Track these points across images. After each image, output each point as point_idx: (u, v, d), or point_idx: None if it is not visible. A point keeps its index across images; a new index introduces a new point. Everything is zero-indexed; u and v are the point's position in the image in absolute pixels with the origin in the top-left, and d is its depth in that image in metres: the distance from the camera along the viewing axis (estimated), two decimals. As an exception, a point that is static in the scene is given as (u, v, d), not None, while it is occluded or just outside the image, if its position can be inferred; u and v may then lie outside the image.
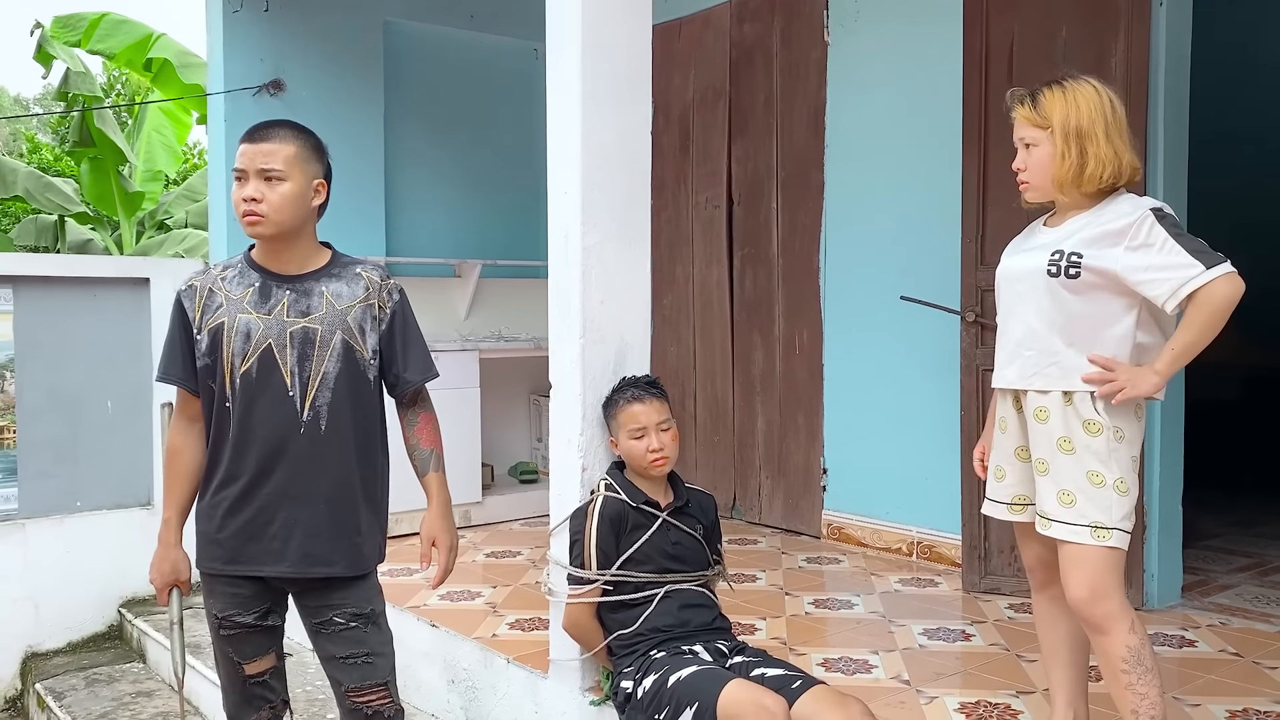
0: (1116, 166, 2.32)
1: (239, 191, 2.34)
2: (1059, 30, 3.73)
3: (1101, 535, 2.27)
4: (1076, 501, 2.30)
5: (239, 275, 2.40)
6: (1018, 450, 2.48)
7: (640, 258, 3.03)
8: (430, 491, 2.54)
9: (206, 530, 2.41)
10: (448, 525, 2.54)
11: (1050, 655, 2.56)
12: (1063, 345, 2.33)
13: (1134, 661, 2.25)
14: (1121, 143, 2.34)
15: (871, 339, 4.63)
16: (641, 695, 2.58)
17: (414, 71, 6.16)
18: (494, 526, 5.33)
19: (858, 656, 3.28)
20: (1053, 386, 2.34)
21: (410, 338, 2.50)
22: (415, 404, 2.56)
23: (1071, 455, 2.31)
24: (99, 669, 4.81)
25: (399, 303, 2.48)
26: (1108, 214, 2.32)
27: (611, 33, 2.92)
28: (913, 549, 4.46)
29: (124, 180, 11.80)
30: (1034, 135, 2.41)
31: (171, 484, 2.44)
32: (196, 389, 2.40)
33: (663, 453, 2.76)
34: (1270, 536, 4.77)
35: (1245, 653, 3.26)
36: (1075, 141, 2.33)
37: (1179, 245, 2.22)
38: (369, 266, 2.48)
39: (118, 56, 10.24)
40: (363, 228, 5.71)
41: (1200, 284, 2.18)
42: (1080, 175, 2.34)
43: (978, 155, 3.90)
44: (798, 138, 4.95)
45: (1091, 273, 2.29)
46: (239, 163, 2.34)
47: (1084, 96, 2.35)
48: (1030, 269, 2.39)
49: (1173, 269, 2.21)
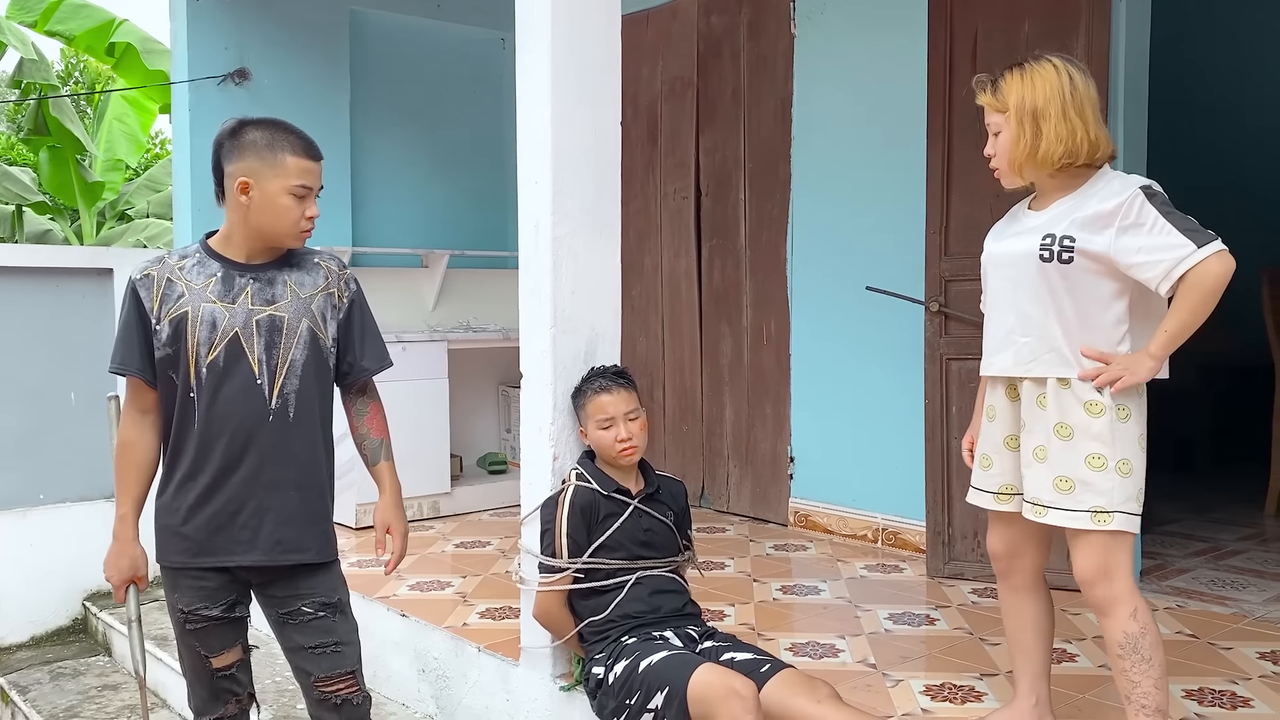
0: (1071, 144, 2.29)
1: (304, 208, 2.35)
2: (1022, 25, 3.78)
3: (1102, 519, 2.25)
4: (1075, 488, 2.27)
5: (198, 265, 2.38)
6: (1007, 439, 2.47)
7: (611, 247, 3.04)
8: (383, 480, 2.57)
9: (170, 524, 2.38)
10: (401, 513, 2.58)
11: (1014, 642, 2.59)
12: (1059, 331, 2.31)
13: (1130, 648, 2.25)
14: (1081, 120, 2.30)
15: (838, 329, 4.68)
16: (613, 681, 2.61)
17: (381, 61, 6.13)
18: (463, 517, 5.33)
19: (825, 641, 3.33)
20: (1050, 373, 2.32)
21: (368, 326, 2.54)
22: (364, 393, 2.59)
23: (1069, 441, 2.29)
24: (64, 663, 4.77)
25: (356, 292, 2.53)
26: (1096, 195, 2.29)
27: (581, 23, 2.93)
28: (878, 536, 4.52)
29: (84, 170, 11.64)
30: (996, 121, 2.40)
31: (126, 478, 2.40)
32: (154, 380, 2.37)
33: (631, 442, 2.79)
34: (1225, 521, 4.88)
35: (1201, 634, 3.34)
36: (1030, 122, 2.32)
37: (1169, 224, 2.20)
38: (325, 256, 2.52)
39: (77, 40, 10.07)
40: (329, 218, 5.68)
41: (1192, 264, 2.17)
42: (1034, 156, 2.32)
43: (942, 147, 3.95)
44: (765, 129, 4.99)
45: (1085, 256, 2.26)
46: (307, 180, 2.34)
47: (1041, 76, 2.33)
48: (1020, 253, 2.36)
49: (1164, 250, 2.19)
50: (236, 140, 2.34)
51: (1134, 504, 2.28)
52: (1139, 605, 2.27)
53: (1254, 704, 2.78)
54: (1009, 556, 2.55)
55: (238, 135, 2.35)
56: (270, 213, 2.34)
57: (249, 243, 2.39)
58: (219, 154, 2.37)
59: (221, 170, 2.37)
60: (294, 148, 2.34)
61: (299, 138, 2.37)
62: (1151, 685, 2.24)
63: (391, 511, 2.56)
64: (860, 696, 2.85)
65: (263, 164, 2.32)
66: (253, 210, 2.34)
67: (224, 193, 2.39)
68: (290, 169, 2.33)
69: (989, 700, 2.84)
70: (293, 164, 2.33)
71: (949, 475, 3.96)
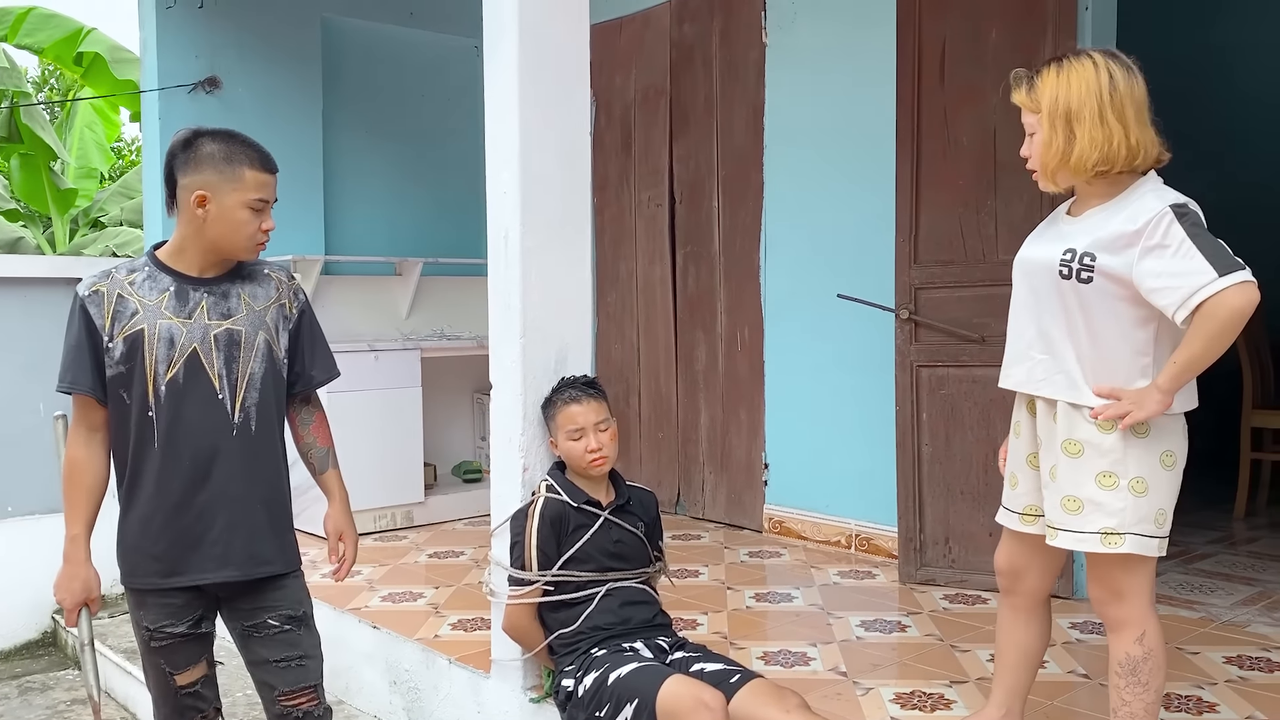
0: (1106, 150, 2.13)
1: (260, 221, 2.33)
2: (989, 32, 3.81)
3: (1112, 542, 2.14)
4: (1084, 508, 2.17)
5: (149, 279, 2.33)
6: (1029, 457, 2.37)
7: (580, 258, 3.04)
8: (331, 488, 2.58)
9: (138, 545, 2.34)
10: (350, 520, 2.60)
11: (1000, 653, 2.55)
12: (1072, 355, 2.20)
13: (1127, 671, 2.20)
14: (1120, 123, 2.13)
15: (811, 336, 4.69)
16: (582, 693, 2.60)
17: (353, 69, 6.11)
18: (437, 526, 5.31)
19: (796, 649, 3.33)
20: (1059, 396, 2.22)
21: (317, 336, 2.55)
22: (309, 402, 2.59)
23: (1078, 459, 2.18)
24: (32, 677, 4.72)
25: (305, 302, 2.54)
26: (1128, 209, 2.14)
27: (549, 30, 2.92)
28: (851, 542, 4.53)
29: (56, 177, 11.54)
30: (1031, 121, 2.25)
31: (75, 499, 2.34)
32: (105, 398, 2.33)
33: (601, 452, 2.78)
34: (1196, 525, 4.92)
35: (1170, 639, 3.34)
36: (1063, 124, 2.17)
37: (1195, 247, 2.03)
38: (275, 267, 2.51)
39: (46, 51, 10.00)
40: (301, 226, 5.66)
41: (1211, 293, 2.00)
42: (1066, 161, 2.17)
43: (911, 155, 3.96)
44: (737, 137, 5.00)
45: (1105, 277, 2.12)
46: (264, 193, 2.32)
47: (1078, 74, 2.16)
48: (1044, 264, 2.23)
49: (1184, 275, 2.02)
50: (191, 152, 2.30)
51: (1150, 525, 2.15)
52: (1149, 629, 2.20)
53: (1219, 709, 2.81)
54: (1011, 575, 2.48)
55: (192, 147, 2.31)
56: (227, 226, 2.31)
57: (203, 256, 2.36)
58: (171, 164, 2.33)
59: (174, 181, 2.33)
60: (251, 161, 2.32)
61: (256, 150, 2.34)
62: (1142, 708, 2.20)
63: (344, 519, 2.58)
64: (830, 705, 2.85)
65: (220, 177, 2.29)
66: (209, 223, 2.31)
67: (174, 203, 2.35)
68: (248, 182, 2.31)
69: (958, 708, 2.85)
70: (250, 177, 2.31)
71: (920, 481, 3.98)
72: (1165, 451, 2.17)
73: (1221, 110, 6.67)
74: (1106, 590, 2.24)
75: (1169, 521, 2.21)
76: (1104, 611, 2.26)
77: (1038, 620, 2.51)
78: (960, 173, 3.86)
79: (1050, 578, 2.47)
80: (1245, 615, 3.60)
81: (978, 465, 3.85)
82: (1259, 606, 3.70)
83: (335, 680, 3.70)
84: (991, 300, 3.67)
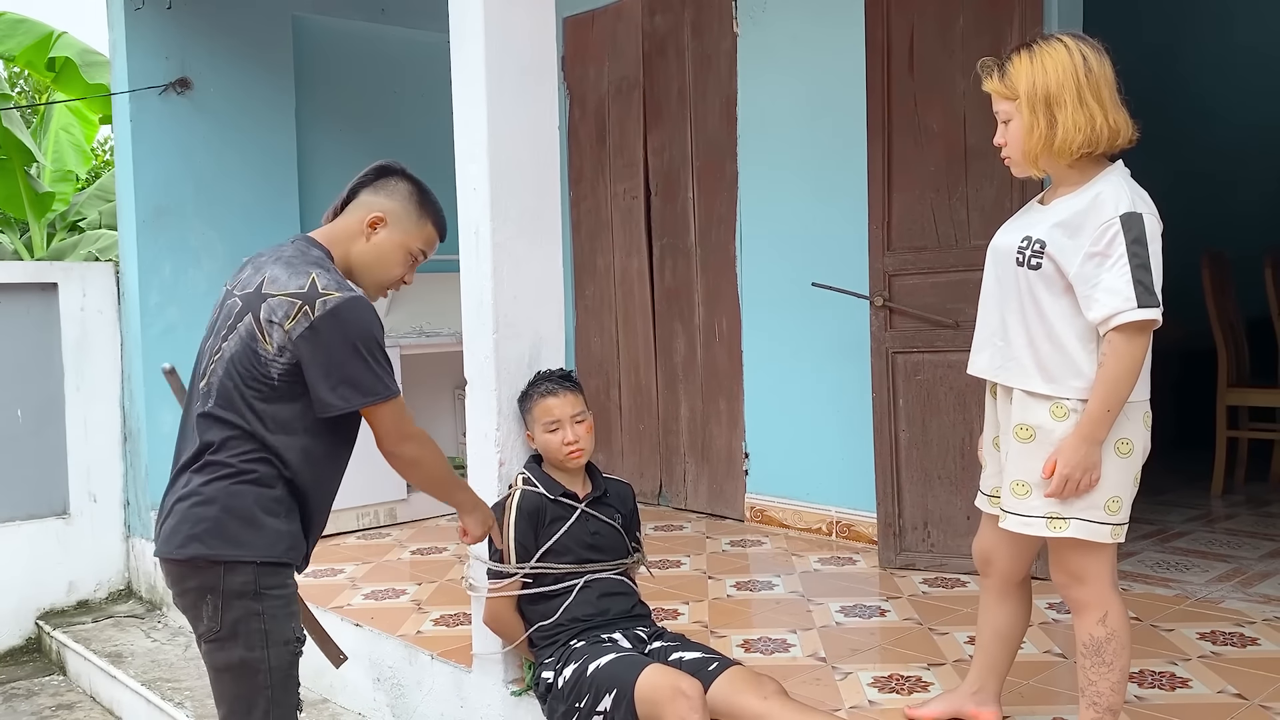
0: (1090, 132, 2.13)
1: (406, 272, 2.36)
2: (956, 20, 3.83)
3: (1057, 526, 2.18)
4: (1031, 493, 2.20)
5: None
6: (995, 440, 2.40)
7: (552, 251, 3.05)
8: None
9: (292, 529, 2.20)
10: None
11: (979, 634, 2.59)
12: (1024, 342, 2.22)
13: (1092, 651, 2.23)
14: (1099, 104, 2.14)
15: (787, 325, 4.71)
16: (562, 685, 2.62)
17: (326, 67, 6.08)
18: (420, 523, 5.32)
19: (776, 636, 3.35)
20: (1015, 384, 2.25)
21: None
22: None
23: (1028, 444, 2.20)
24: (17, 683, 4.71)
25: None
26: (1087, 199, 2.15)
27: (515, 23, 2.92)
28: (832, 528, 4.56)
29: (33, 181, 11.44)
30: (1005, 109, 2.24)
31: None
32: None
33: (578, 444, 2.80)
34: (1172, 504, 4.96)
35: (1145, 617, 3.39)
36: (1044, 110, 2.15)
37: (1128, 267, 2.06)
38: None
39: (17, 58, 9.90)
40: (276, 225, 5.61)
41: (1123, 321, 2.07)
42: (1050, 146, 2.17)
43: (882, 144, 3.98)
44: (711, 128, 5.01)
45: (1053, 264, 2.15)
46: (428, 249, 2.37)
47: (1052, 58, 2.16)
48: (1007, 251, 2.25)
49: (1110, 293, 2.07)
50: (392, 180, 2.34)
51: (1099, 511, 2.17)
52: (1110, 610, 2.22)
53: (1192, 684, 2.84)
54: (983, 560, 2.52)
55: (395, 176, 2.35)
56: (381, 257, 2.30)
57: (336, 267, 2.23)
58: (364, 180, 2.35)
59: (355, 193, 2.34)
60: (437, 218, 2.37)
61: (442, 215, 2.39)
62: (1108, 687, 2.23)
63: None
64: (809, 690, 2.87)
65: (404, 213, 2.31)
66: (369, 246, 2.29)
67: (339, 210, 2.34)
68: (424, 233, 2.34)
69: (935, 690, 2.87)
70: (429, 231, 2.35)
71: (898, 467, 4.00)
72: (1120, 439, 2.19)
73: (1190, 88, 6.72)
74: (1065, 574, 2.27)
75: (1125, 509, 2.23)
76: (1066, 594, 2.30)
77: (1012, 601, 2.53)
78: (931, 159, 3.88)
79: (1023, 560, 2.49)
80: (1220, 591, 3.64)
81: (954, 450, 3.88)
82: (1234, 582, 3.73)
83: (319, 679, 3.71)
84: (964, 285, 3.69)
